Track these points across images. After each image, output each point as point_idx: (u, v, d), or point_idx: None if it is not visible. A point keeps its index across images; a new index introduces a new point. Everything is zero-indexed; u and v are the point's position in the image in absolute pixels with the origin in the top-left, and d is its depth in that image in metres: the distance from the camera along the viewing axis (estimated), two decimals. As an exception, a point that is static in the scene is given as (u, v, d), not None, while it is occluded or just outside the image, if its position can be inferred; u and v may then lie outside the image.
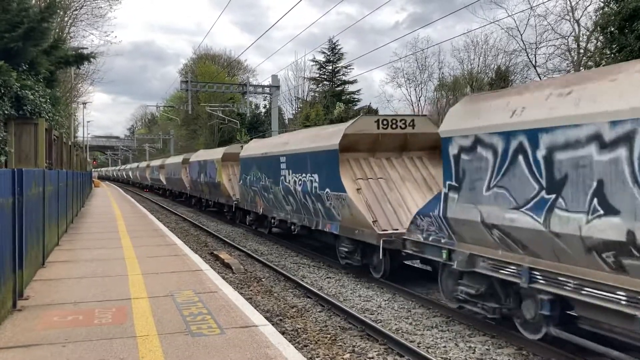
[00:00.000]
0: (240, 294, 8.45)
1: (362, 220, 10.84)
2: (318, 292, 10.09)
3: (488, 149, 7.07)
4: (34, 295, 7.46)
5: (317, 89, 58.39)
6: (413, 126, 12.22)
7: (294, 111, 63.00)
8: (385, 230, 10.44)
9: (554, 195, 6.09)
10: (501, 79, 40.05)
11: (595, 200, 5.62)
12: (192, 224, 23.48)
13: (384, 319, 8.63)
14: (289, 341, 6.05)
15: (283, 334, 7.20)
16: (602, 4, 24.16)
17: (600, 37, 25.56)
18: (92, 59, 22.66)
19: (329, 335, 7.76)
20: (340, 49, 56.14)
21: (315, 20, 63.01)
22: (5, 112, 14.03)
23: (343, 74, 55.61)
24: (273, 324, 7.25)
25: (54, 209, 11.67)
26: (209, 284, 8.22)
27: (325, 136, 12.81)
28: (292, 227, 14.93)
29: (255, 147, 18.69)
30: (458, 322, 8.37)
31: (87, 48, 30.93)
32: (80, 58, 21.88)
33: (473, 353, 7.04)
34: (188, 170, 31.04)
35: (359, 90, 58.95)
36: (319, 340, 7.56)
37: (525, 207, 6.47)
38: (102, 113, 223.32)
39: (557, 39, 32.02)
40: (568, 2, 31.22)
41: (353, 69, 64.88)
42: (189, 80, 40.05)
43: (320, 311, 9.18)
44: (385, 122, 12.12)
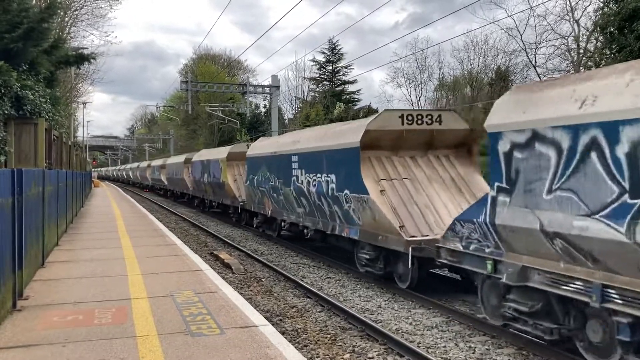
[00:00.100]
0: (240, 294, 8.46)
1: (387, 225, 9.99)
2: (318, 292, 10.09)
3: (549, 145, 6.11)
4: (33, 295, 7.46)
5: (317, 89, 58.39)
6: (440, 122, 11.33)
7: (294, 111, 63.06)
8: (414, 236, 9.60)
9: None
10: (501, 79, 40.12)
11: None
12: (192, 224, 23.49)
13: (384, 319, 8.63)
14: (289, 341, 6.05)
15: (283, 334, 7.20)
16: (602, 4, 24.19)
17: (600, 37, 25.57)
18: (93, 59, 22.68)
19: (329, 335, 7.76)
20: (340, 49, 56.11)
21: (315, 21, 63.29)
22: (5, 112, 14.04)
23: (343, 74, 55.63)
24: (273, 324, 7.25)
25: (54, 209, 11.67)
26: (208, 284, 8.22)
27: (344, 133, 11.93)
28: (305, 231, 14.11)
29: (264, 146, 17.72)
30: (458, 322, 8.37)
31: (88, 48, 30.94)
32: (80, 58, 21.86)
33: (473, 353, 7.04)
34: (191, 170, 30.55)
35: (359, 90, 58.94)
36: (319, 340, 7.56)
37: (601, 214, 5.54)
38: (102, 113, 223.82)
39: (557, 39, 32.04)
40: (568, 2, 31.25)
41: (353, 69, 64.93)
42: (189, 80, 39.99)
43: (320, 311, 9.18)
44: (410, 118, 11.17)
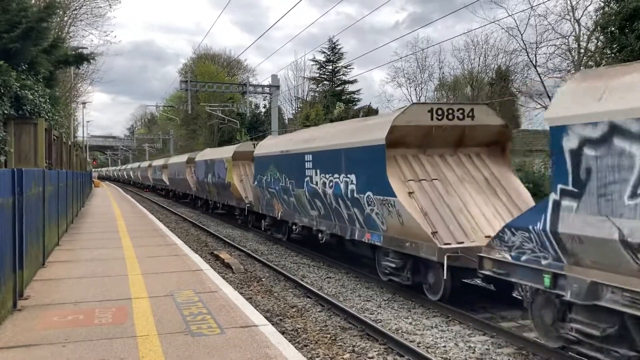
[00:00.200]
0: (240, 293, 8.45)
1: (417, 230, 9.14)
2: (318, 292, 10.09)
3: (633, 140, 5.32)
4: (34, 295, 7.46)
5: (317, 89, 58.34)
6: (472, 117, 10.38)
7: (293, 111, 62.99)
8: (449, 244, 8.77)
9: None
10: (501, 79, 40.17)
11: None
12: (193, 224, 23.49)
13: (384, 318, 8.63)
14: (289, 341, 6.06)
15: (283, 333, 7.21)
16: (603, 4, 24.15)
17: (601, 37, 25.53)
18: (92, 59, 22.67)
19: (329, 335, 7.76)
20: (340, 48, 56.04)
21: (315, 20, 63.49)
22: (5, 112, 14.04)
23: (343, 74, 55.58)
24: (273, 324, 7.25)
25: (54, 209, 11.67)
26: (209, 283, 8.23)
27: (366, 129, 10.94)
28: (320, 235, 13.18)
29: (273, 144, 16.84)
30: (458, 322, 8.37)
31: (87, 48, 30.92)
32: (79, 58, 21.84)
33: (473, 353, 7.04)
34: (193, 170, 29.99)
35: (359, 90, 59.06)
36: (319, 340, 7.56)
37: None
38: (102, 113, 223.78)
39: (558, 38, 31.96)
40: (568, 2, 31.18)
41: (353, 68, 65.02)
42: (188, 80, 39.96)
43: (320, 311, 9.18)
44: (440, 112, 10.19)
